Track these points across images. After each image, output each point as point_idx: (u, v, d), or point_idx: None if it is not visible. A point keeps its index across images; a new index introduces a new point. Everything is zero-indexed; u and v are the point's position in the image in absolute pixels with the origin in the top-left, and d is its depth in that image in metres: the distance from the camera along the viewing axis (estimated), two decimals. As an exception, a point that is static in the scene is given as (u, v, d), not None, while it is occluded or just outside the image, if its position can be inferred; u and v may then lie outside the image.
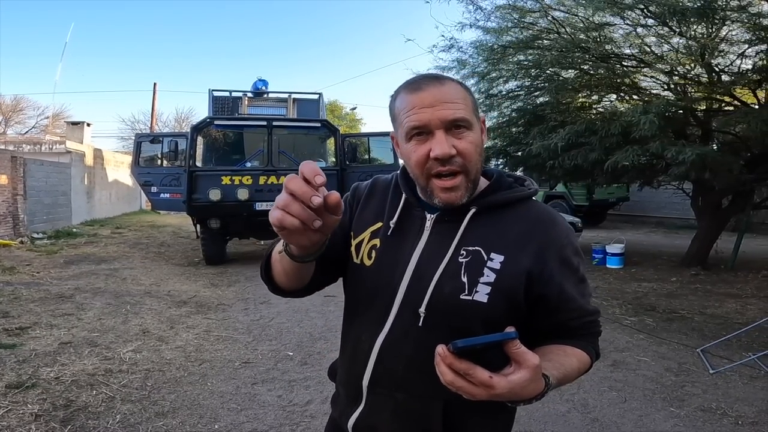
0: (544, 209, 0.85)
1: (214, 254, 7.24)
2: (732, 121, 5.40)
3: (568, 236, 0.83)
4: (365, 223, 0.91)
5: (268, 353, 3.55)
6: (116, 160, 15.96)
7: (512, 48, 6.15)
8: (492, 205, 0.82)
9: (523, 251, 0.79)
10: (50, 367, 3.05)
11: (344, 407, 0.91)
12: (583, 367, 0.81)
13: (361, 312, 0.89)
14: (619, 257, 7.16)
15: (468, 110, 0.78)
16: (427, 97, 0.76)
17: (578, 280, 0.83)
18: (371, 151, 8.08)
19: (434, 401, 0.80)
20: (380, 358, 0.83)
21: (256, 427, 2.48)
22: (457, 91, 0.78)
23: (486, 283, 0.77)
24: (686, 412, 2.64)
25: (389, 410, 0.83)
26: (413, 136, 0.78)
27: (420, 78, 0.80)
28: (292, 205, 0.59)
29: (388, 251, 0.85)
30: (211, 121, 7.13)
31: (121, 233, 10.78)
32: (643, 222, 13.84)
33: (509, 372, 0.63)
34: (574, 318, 0.83)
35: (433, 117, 0.75)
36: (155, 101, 20.16)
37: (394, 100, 0.82)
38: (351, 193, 0.98)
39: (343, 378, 0.92)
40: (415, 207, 0.87)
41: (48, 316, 4.11)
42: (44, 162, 10.36)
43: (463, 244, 0.80)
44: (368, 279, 0.86)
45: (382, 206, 0.91)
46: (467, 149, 0.76)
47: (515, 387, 0.62)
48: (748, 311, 4.68)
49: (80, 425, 2.39)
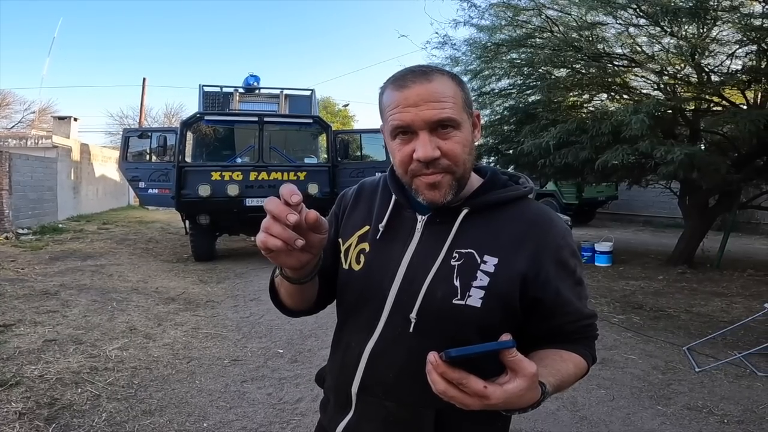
0: (540, 209, 0.82)
1: (203, 250, 7.17)
2: (720, 121, 5.47)
3: (564, 237, 0.80)
4: (352, 228, 0.88)
5: (258, 351, 3.53)
6: (104, 155, 15.72)
7: (505, 46, 6.16)
8: (485, 205, 0.80)
9: (518, 253, 0.76)
10: (34, 365, 3.00)
11: (333, 414, 0.88)
12: (579, 372, 0.79)
13: (350, 318, 0.86)
14: (608, 255, 7.23)
15: (456, 108, 0.74)
16: (411, 96, 0.72)
17: (575, 282, 0.80)
18: (363, 147, 8.04)
19: (426, 409, 0.77)
20: (370, 365, 0.81)
21: (246, 425, 2.46)
22: (445, 87, 0.74)
23: (479, 287, 0.75)
24: (673, 410, 2.67)
25: (379, 419, 0.81)
26: (397, 135, 0.76)
27: (407, 72, 0.75)
28: (273, 226, 0.60)
29: (377, 255, 0.83)
30: (201, 117, 7.05)
31: (108, 229, 10.63)
32: (631, 220, 14.00)
33: (505, 381, 0.61)
34: (570, 322, 0.80)
35: (417, 118, 0.72)
36: (144, 96, 19.95)
37: (381, 95, 0.79)
38: (337, 203, 0.96)
39: (332, 384, 0.90)
40: (405, 208, 0.84)
41: (32, 314, 4.04)
42: (30, 157, 10.17)
43: (456, 247, 0.77)
44: (357, 284, 0.83)
45: (369, 209, 0.89)
46: (453, 150, 0.73)
47: (511, 396, 0.60)
48: (734, 310, 4.75)
49: (65, 424, 2.35)
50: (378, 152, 7.89)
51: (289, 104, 9.42)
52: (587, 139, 5.43)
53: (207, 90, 9.08)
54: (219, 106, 8.96)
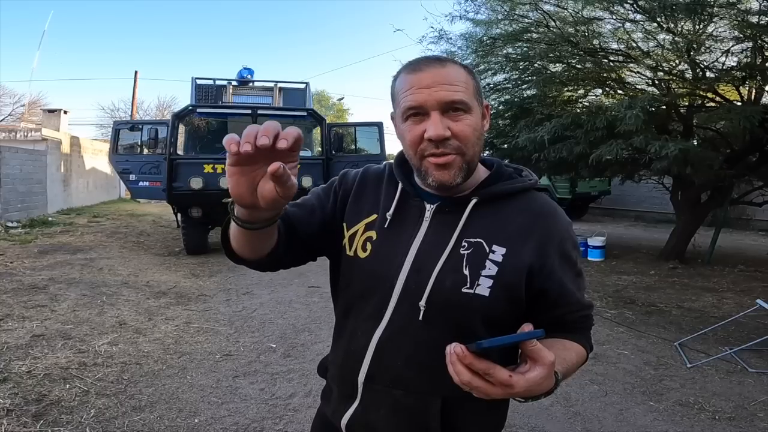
0: (545, 201, 0.84)
1: (195, 244, 7.11)
2: (714, 117, 5.48)
3: (568, 230, 0.82)
4: (360, 215, 0.87)
5: (250, 345, 3.50)
6: (94, 147, 15.53)
7: (501, 40, 6.12)
8: (494, 196, 0.81)
9: (525, 245, 0.78)
10: (22, 360, 2.95)
11: (337, 405, 0.87)
12: (580, 360, 0.80)
13: (356, 306, 0.85)
14: (600, 250, 7.26)
15: (468, 93, 0.76)
16: (425, 78, 0.74)
17: (576, 274, 0.83)
18: (358, 141, 8.01)
19: (433, 397, 0.78)
20: (378, 354, 0.80)
21: (238, 420, 2.43)
22: (458, 74, 0.76)
23: (488, 276, 0.76)
24: (665, 406, 2.68)
25: (386, 407, 0.81)
26: (409, 116, 0.76)
27: (422, 59, 0.78)
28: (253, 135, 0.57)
29: (384, 243, 0.82)
30: (193, 109, 6.97)
31: (98, 222, 10.50)
32: (624, 215, 14.08)
33: (526, 369, 0.62)
34: (571, 312, 0.82)
35: (430, 98, 0.73)
36: (136, 89, 19.64)
37: (395, 81, 0.81)
38: (339, 179, 0.94)
39: (337, 374, 0.89)
40: (412, 197, 0.84)
41: (20, 308, 3.97)
42: (19, 150, 10.05)
43: (465, 236, 0.78)
44: (363, 272, 0.83)
45: (376, 197, 0.88)
46: (463, 131, 0.75)
47: (532, 385, 0.62)
48: (724, 305, 4.79)
49: (53, 420, 2.32)
50: (372, 146, 7.86)
51: (283, 97, 9.37)
52: (582, 134, 5.42)
53: (200, 83, 9.00)
54: (212, 98, 8.88)
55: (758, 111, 4.62)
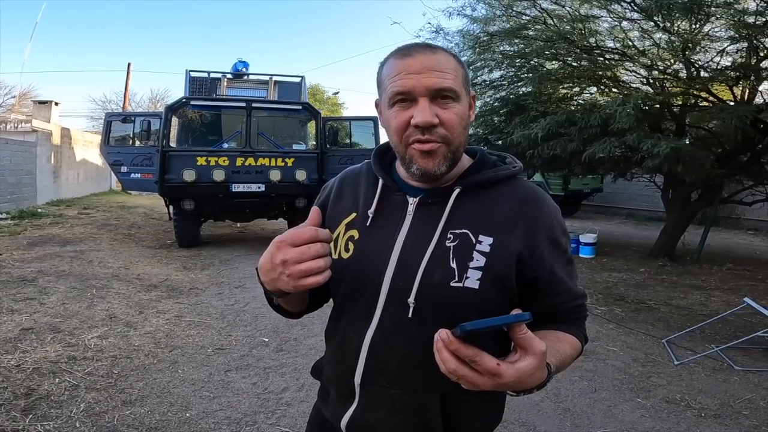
0: (531, 188, 0.82)
1: (187, 236, 7.07)
2: (706, 116, 5.53)
3: (556, 216, 0.80)
4: (338, 216, 0.86)
5: (243, 339, 3.49)
6: (85, 139, 15.33)
7: (498, 37, 6.11)
8: (478, 185, 0.79)
9: (513, 233, 0.76)
10: (11, 354, 2.92)
11: (336, 406, 0.86)
12: (575, 353, 0.79)
13: (345, 308, 0.84)
14: (592, 247, 7.33)
15: (457, 81, 0.74)
16: (414, 64, 0.72)
17: (566, 261, 0.81)
18: (352, 135, 7.98)
19: (432, 395, 0.77)
20: (371, 355, 0.79)
21: (230, 414, 2.43)
22: (448, 61, 0.74)
23: (476, 267, 0.74)
24: (652, 403, 2.71)
25: (385, 407, 0.80)
26: (396, 102, 0.74)
27: (412, 44, 0.76)
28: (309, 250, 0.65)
29: (368, 241, 0.81)
30: (187, 102, 6.89)
31: (88, 214, 10.39)
32: (615, 213, 14.19)
33: (515, 359, 0.60)
34: (564, 302, 0.81)
35: (419, 84, 0.72)
36: (129, 81, 19.34)
37: (382, 66, 0.78)
38: (319, 197, 0.94)
39: (333, 376, 0.88)
40: (394, 191, 0.82)
41: (9, 301, 3.93)
42: (9, 141, 9.93)
43: (450, 227, 0.76)
44: (348, 272, 0.81)
45: (355, 196, 0.87)
46: (451, 119, 0.73)
47: (522, 375, 0.59)
48: (712, 303, 4.85)
49: (42, 414, 2.30)
50: (367, 140, 7.84)
51: (278, 91, 9.31)
52: (576, 131, 5.45)
53: (194, 75, 8.91)
54: (206, 91, 8.81)
55: (751, 110, 4.66)
